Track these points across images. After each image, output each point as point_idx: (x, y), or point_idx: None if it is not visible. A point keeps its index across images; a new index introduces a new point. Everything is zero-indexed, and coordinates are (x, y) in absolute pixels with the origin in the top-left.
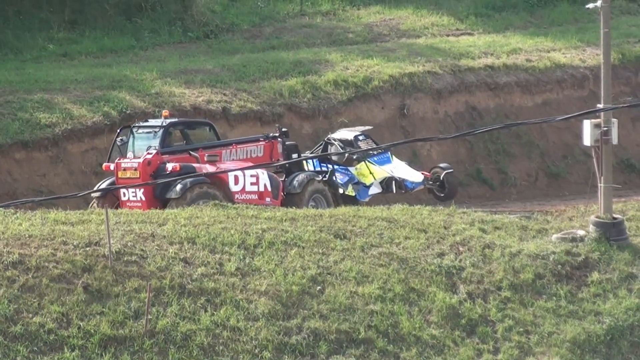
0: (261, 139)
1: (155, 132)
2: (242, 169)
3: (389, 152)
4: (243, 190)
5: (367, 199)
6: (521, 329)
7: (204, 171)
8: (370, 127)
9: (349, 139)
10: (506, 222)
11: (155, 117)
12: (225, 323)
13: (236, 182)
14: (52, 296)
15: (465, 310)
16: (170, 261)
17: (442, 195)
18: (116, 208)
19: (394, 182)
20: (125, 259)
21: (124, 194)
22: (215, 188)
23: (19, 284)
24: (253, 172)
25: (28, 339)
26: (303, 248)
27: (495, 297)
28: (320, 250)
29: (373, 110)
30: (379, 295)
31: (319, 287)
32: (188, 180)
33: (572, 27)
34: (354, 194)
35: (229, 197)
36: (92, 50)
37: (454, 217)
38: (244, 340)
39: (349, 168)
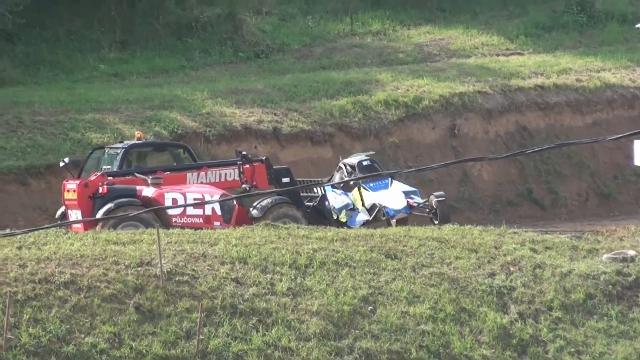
0: (239, 163)
1: (118, 153)
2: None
3: (389, 178)
4: (183, 213)
5: (356, 226)
6: (572, 349)
7: (143, 194)
8: (373, 152)
9: (354, 163)
10: (557, 242)
11: (206, 137)
12: (277, 343)
13: (174, 205)
14: (104, 316)
15: (517, 330)
16: (222, 281)
17: (436, 222)
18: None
19: (377, 209)
20: (176, 279)
21: (70, 215)
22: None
23: (71, 304)
24: (197, 195)
25: None
26: (354, 268)
27: (547, 317)
28: (372, 270)
29: (423, 130)
30: (430, 315)
31: (370, 307)
32: (115, 202)
33: (622, 47)
34: (345, 220)
35: (164, 220)
36: (143, 70)
37: (505, 237)
38: None
39: (349, 193)
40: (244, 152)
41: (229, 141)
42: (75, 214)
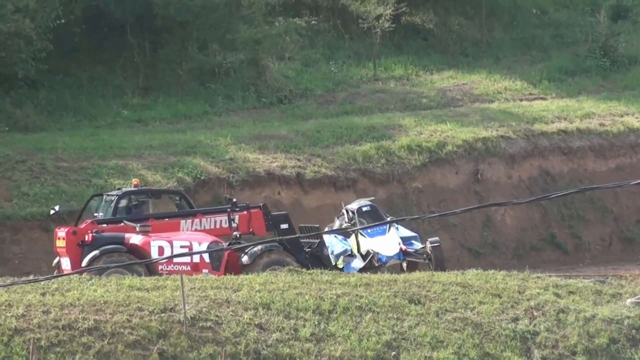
0: (236, 209)
1: (112, 200)
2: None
3: (387, 224)
4: (170, 261)
5: (353, 272)
6: None
7: (130, 241)
8: (373, 198)
9: (355, 209)
10: (580, 286)
11: (229, 183)
12: None
13: (160, 253)
14: None
15: None
16: (245, 327)
17: (432, 268)
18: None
19: (370, 255)
20: (200, 324)
21: (62, 263)
22: (131, 258)
23: (94, 350)
24: (185, 242)
25: None
26: (378, 313)
27: None
28: (395, 316)
29: (447, 176)
30: None
31: (393, 353)
32: (100, 249)
33: None
34: (342, 266)
35: (151, 267)
36: (166, 116)
37: (528, 281)
38: None
39: (347, 239)
40: (233, 200)
41: (252, 187)
42: (66, 262)
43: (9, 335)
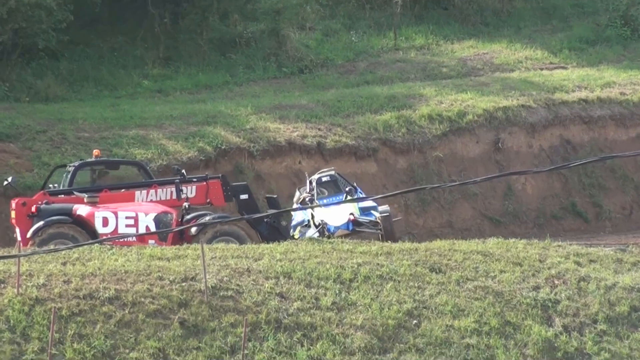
0: (194, 180)
1: (69, 172)
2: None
3: (344, 193)
4: (115, 232)
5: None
6: None
7: (77, 212)
8: (333, 168)
9: (315, 179)
10: (601, 255)
11: (250, 153)
12: (322, 357)
13: (105, 224)
14: (148, 331)
15: (561, 343)
16: (266, 296)
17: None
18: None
19: (320, 225)
20: (221, 294)
21: (15, 234)
22: (76, 229)
23: (115, 320)
24: (130, 213)
25: None
26: (399, 282)
27: (591, 330)
28: (416, 284)
29: (467, 145)
30: (475, 328)
31: (415, 321)
32: (45, 220)
33: None
34: (298, 237)
35: (95, 238)
36: (187, 86)
37: (549, 250)
38: None
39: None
40: (182, 171)
41: (272, 156)
42: (15, 233)
43: (30, 304)
